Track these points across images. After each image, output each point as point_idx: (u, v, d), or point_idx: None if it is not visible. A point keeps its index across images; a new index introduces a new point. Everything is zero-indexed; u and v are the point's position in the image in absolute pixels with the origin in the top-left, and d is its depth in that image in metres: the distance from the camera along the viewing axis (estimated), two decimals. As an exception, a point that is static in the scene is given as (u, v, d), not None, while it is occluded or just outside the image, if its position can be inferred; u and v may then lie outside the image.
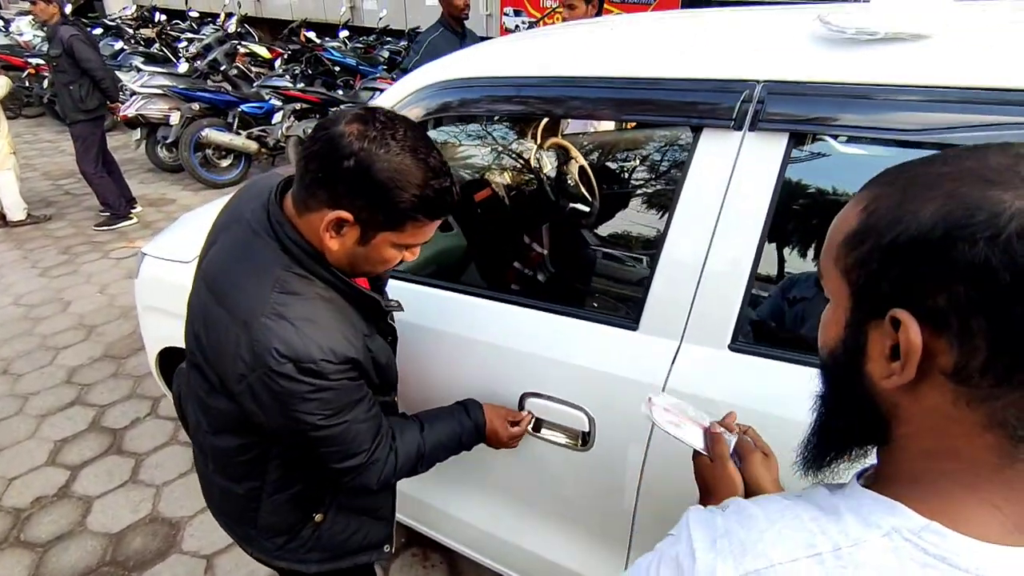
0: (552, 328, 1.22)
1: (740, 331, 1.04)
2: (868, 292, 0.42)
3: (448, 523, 1.58)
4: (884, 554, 0.38)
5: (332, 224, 0.85)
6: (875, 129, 0.91)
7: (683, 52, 1.09)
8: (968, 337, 0.37)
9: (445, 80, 1.33)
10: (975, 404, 0.38)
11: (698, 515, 0.48)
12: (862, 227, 0.42)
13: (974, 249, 0.35)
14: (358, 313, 0.97)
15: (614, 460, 1.19)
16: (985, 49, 0.89)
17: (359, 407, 0.96)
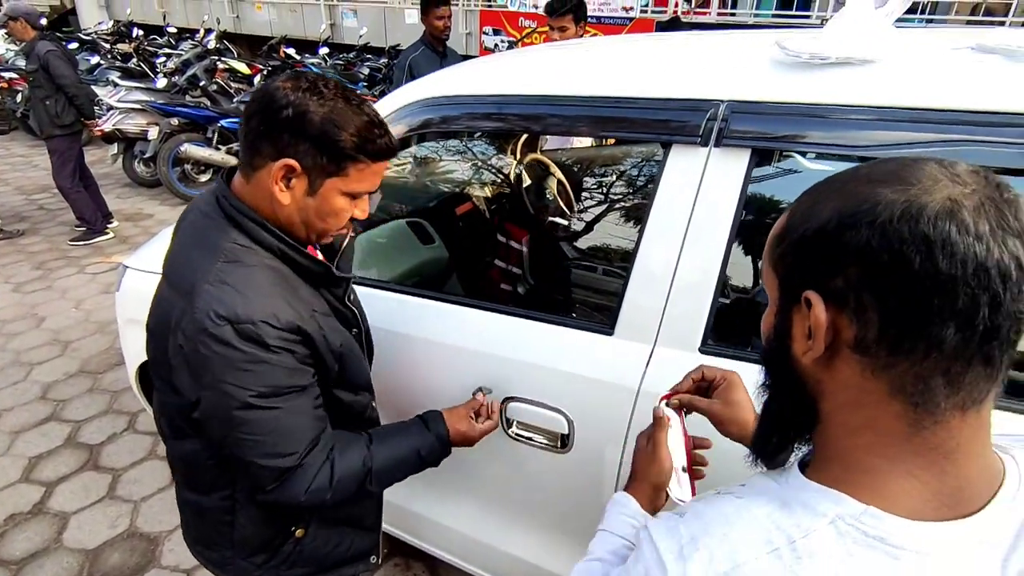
0: (532, 334, 1.27)
1: (709, 334, 1.10)
2: (789, 282, 0.49)
3: (430, 529, 1.60)
4: (832, 540, 0.43)
5: (280, 175, 0.85)
6: (828, 146, 0.99)
7: (654, 73, 1.16)
8: (863, 311, 0.43)
9: (427, 98, 1.38)
10: (878, 372, 0.44)
11: (659, 526, 0.51)
12: (783, 228, 0.50)
13: (859, 235, 0.42)
14: (309, 286, 0.95)
15: (592, 461, 1.23)
16: (925, 72, 0.97)
17: (301, 397, 0.89)
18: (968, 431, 0.44)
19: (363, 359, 1.05)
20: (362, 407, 1.08)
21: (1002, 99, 0.89)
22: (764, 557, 0.43)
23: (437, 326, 1.37)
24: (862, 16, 0.97)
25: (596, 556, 0.72)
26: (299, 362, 0.88)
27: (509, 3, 7.52)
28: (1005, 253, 0.39)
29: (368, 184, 0.91)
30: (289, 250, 0.91)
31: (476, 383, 1.33)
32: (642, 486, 0.80)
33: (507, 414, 1.30)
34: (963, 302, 0.40)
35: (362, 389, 1.07)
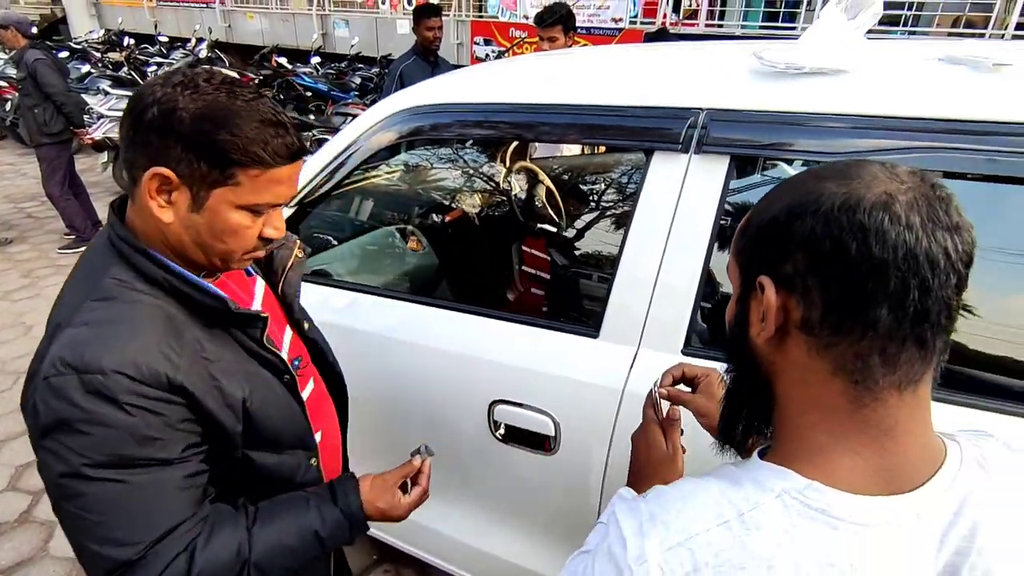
0: (520, 338, 1.29)
1: (691, 336, 1.12)
2: (747, 270, 0.53)
3: (419, 533, 1.61)
4: (777, 513, 0.46)
5: (154, 188, 0.71)
6: (803, 152, 1.02)
7: (637, 82, 1.20)
8: (808, 294, 0.47)
9: (418, 106, 1.41)
10: (822, 352, 0.48)
11: (623, 505, 0.53)
12: (745, 223, 0.55)
13: (804, 224, 0.47)
14: (206, 327, 0.77)
15: (579, 462, 1.25)
16: (895, 82, 1.01)
17: (161, 472, 0.70)
18: (905, 410, 0.47)
19: (293, 410, 0.86)
20: (290, 470, 0.86)
21: (967, 108, 0.93)
22: (715, 529, 0.46)
23: (425, 330, 1.39)
24: (835, 28, 1.00)
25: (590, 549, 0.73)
26: (165, 426, 0.70)
27: (500, 14, 7.60)
28: (934, 243, 0.43)
29: (270, 195, 0.74)
30: (177, 281, 0.74)
31: (462, 387, 1.35)
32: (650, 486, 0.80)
33: (494, 417, 1.32)
34: (894, 286, 0.44)
35: (291, 448, 0.87)
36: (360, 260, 1.98)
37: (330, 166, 1.49)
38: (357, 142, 1.46)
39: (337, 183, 1.49)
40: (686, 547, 0.46)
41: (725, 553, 0.45)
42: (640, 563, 0.46)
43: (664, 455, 0.81)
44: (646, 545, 0.47)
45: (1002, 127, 0.90)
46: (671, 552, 0.46)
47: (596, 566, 0.51)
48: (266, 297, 0.94)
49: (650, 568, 0.46)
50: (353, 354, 1.45)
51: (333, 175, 1.50)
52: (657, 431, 0.83)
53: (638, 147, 1.15)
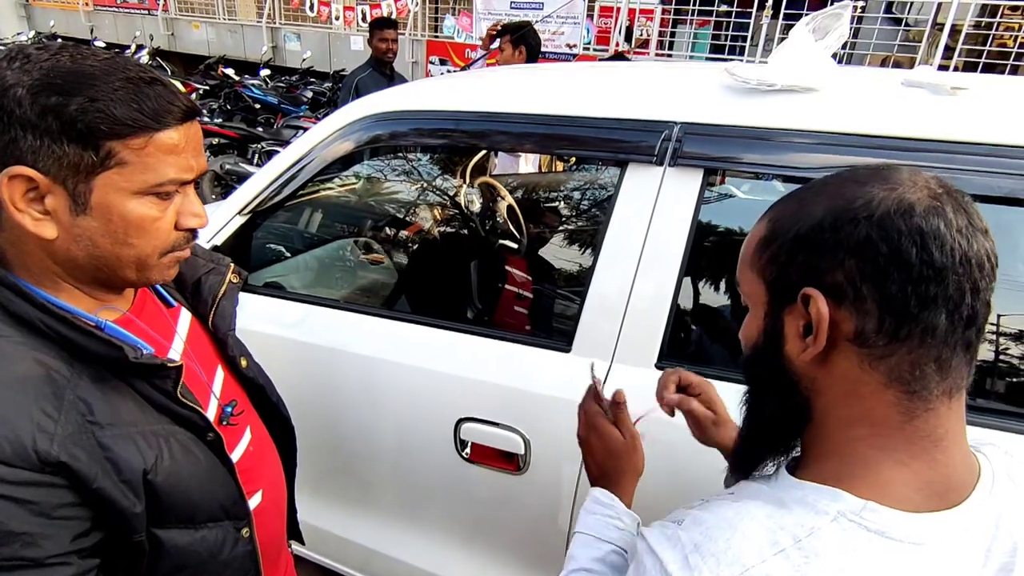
0: (488, 352, 1.25)
1: (665, 350, 1.11)
2: (781, 282, 0.50)
3: (379, 563, 1.52)
4: (836, 538, 0.43)
5: (19, 197, 0.55)
6: (774, 167, 1.04)
7: (612, 94, 1.19)
8: (862, 303, 0.45)
9: (380, 113, 1.36)
10: (875, 363, 0.46)
11: (658, 535, 0.49)
12: (770, 232, 0.51)
13: (857, 228, 0.45)
14: (92, 379, 0.60)
15: (549, 480, 1.21)
16: (861, 101, 1.04)
17: (30, 574, 0.55)
18: (953, 418, 0.46)
19: (218, 475, 0.71)
20: (211, 548, 0.71)
21: (929, 128, 0.97)
22: (771, 559, 0.43)
23: (386, 344, 1.33)
24: (804, 48, 1.03)
25: (582, 566, 0.68)
26: (36, 516, 0.54)
27: (456, 34, 7.66)
28: (980, 246, 0.44)
29: (169, 168, 0.59)
30: (55, 323, 0.58)
31: (427, 404, 1.28)
32: (624, 480, 0.76)
33: (461, 435, 1.26)
34: (952, 290, 0.43)
35: (213, 520, 0.71)
36: (316, 272, 1.90)
37: (286, 174, 1.42)
38: (315, 149, 1.40)
39: (293, 192, 1.42)
40: None
41: None
42: None
43: (622, 443, 0.77)
44: None
45: (961, 147, 0.94)
46: None
47: None
48: (192, 333, 0.79)
49: None
50: (306, 370, 1.38)
51: (289, 183, 1.42)
52: (605, 422, 0.79)
53: (612, 159, 1.14)
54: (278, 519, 0.89)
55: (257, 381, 0.88)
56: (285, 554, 0.95)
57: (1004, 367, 1.07)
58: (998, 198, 0.92)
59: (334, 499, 1.51)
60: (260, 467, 0.83)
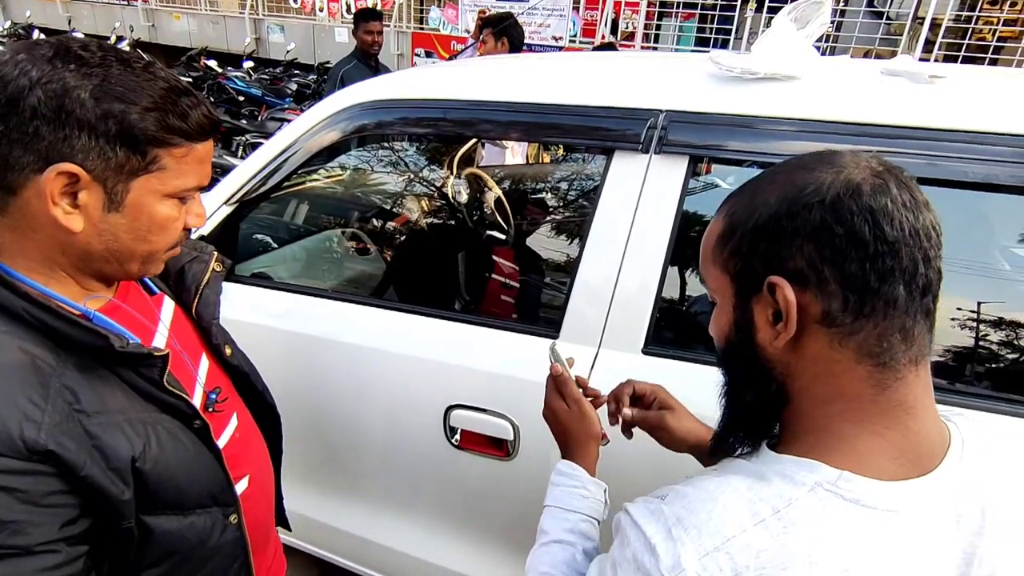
0: (477, 340, 1.26)
1: (652, 336, 1.13)
2: (745, 274, 0.52)
3: (369, 551, 1.53)
4: (813, 507, 0.45)
5: (59, 190, 0.57)
6: (758, 154, 1.05)
7: (598, 83, 1.20)
8: (825, 285, 0.47)
9: (367, 101, 1.36)
10: (845, 340, 0.47)
11: (641, 510, 0.50)
12: (728, 226, 0.53)
13: (811, 214, 0.47)
14: (78, 367, 0.61)
15: (538, 465, 1.22)
16: (842, 90, 1.06)
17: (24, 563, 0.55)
18: (921, 386, 0.48)
19: (205, 462, 0.72)
20: (200, 535, 0.72)
21: (906, 115, 0.99)
22: (752, 529, 0.44)
23: (374, 333, 1.33)
24: (786, 36, 1.04)
25: (554, 537, 0.69)
26: (25, 504, 0.55)
27: (441, 27, 7.61)
28: (925, 219, 0.46)
29: (195, 175, 0.65)
30: (40, 312, 0.59)
31: (416, 392, 1.29)
32: (582, 448, 0.78)
33: (450, 423, 1.27)
34: (907, 261, 0.45)
35: (201, 507, 0.72)
36: (303, 263, 1.89)
37: (273, 163, 1.42)
38: (301, 138, 1.39)
39: (280, 181, 1.41)
40: (724, 551, 0.44)
41: (765, 554, 0.43)
42: (676, 572, 0.44)
43: (565, 412, 0.80)
44: (680, 552, 0.44)
45: (939, 134, 0.96)
46: (708, 558, 0.44)
47: None
48: (176, 321, 0.79)
49: None
50: (293, 360, 1.38)
51: (276, 172, 1.42)
52: (553, 395, 0.82)
53: (599, 146, 1.15)
54: (265, 504, 0.90)
55: (242, 369, 0.88)
56: (274, 539, 0.96)
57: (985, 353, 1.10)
58: (975, 183, 0.94)
59: (324, 488, 1.51)
60: (246, 453, 0.84)
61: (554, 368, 0.83)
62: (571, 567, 0.66)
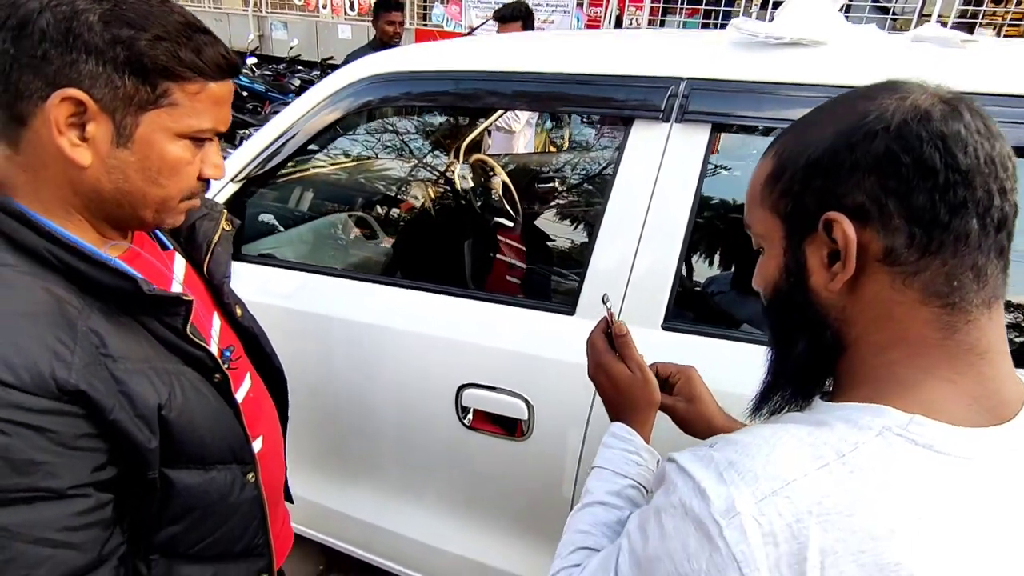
0: (491, 317, 1.23)
1: (671, 311, 1.09)
2: (798, 214, 0.48)
3: (376, 537, 1.49)
4: (882, 452, 0.41)
5: (64, 118, 0.54)
6: (783, 122, 1.02)
7: (617, 52, 1.17)
8: (888, 220, 0.43)
9: (377, 75, 1.33)
10: (909, 280, 0.44)
11: (688, 456, 0.47)
12: (777, 165, 0.50)
13: (874, 143, 0.43)
14: (103, 314, 0.59)
15: (553, 447, 1.19)
16: (870, 55, 1.03)
17: (53, 508, 0.54)
18: (995, 330, 0.44)
19: (225, 417, 0.71)
20: (221, 490, 0.70)
21: (937, 78, 0.95)
22: (814, 473, 0.41)
23: (384, 311, 1.30)
24: (811, 1, 1.01)
25: (598, 499, 0.66)
26: (56, 445, 0.53)
27: (445, 23, 7.59)
28: (1000, 147, 0.43)
29: (210, 117, 0.61)
30: (65, 254, 0.57)
31: (427, 371, 1.26)
32: (641, 415, 0.73)
33: (462, 402, 1.24)
34: (981, 192, 0.41)
35: (222, 462, 0.71)
36: (311, 246, 1.86)
37: (281, 138, 1.39)
38: (311, 113, 1.37)
39: (288, 157, 1.38)
40: (783, 495, 0.40)
41: (829, 499, 0.40)
42: (730, 516, 0.40)
43: (628, 377, 0.74)
44: (735, 495, 0.41)
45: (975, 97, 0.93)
46: (766, 502, 0.40)
47: (667, 525, 0.44)
48: (188, 277, 0.78)
49: (744, 522, 0.40)
50: (300, 339, 1.34)
51: (283, 148, 1.39)
52: (610, 357, 0.75)
53: (618, 115, 1.12)
54: (277, 467, 0.88)
55: (252, 330, 0.86)
56: (282, 508, 0.93)
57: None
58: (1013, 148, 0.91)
59: (329, 472, 1.48)
60: (260, 414, 0.83)
61: (618, 326, 0.75)
62: (612, 530, 0.63)
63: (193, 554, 0.69)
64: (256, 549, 0.77)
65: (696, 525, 0.42)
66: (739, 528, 0.40)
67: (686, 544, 0.42)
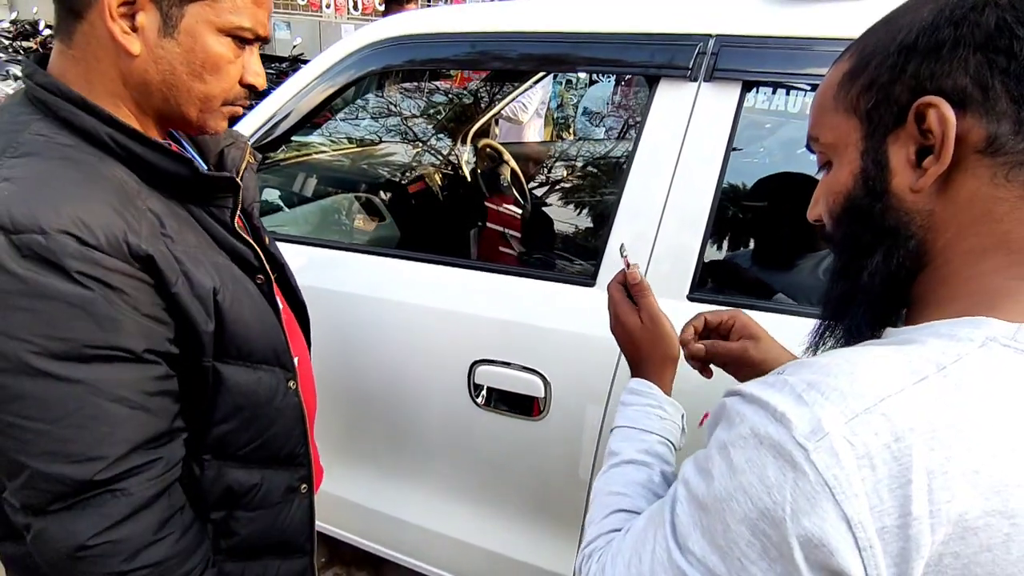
0: (506, 290, 1.17)
1: (698, 281, 1.04)
2: (883, 107, 0.43)
3: (379, 525, 1.43)
4: (989, 363, 0.36)
5: (116, 6, 0.56)
6: (814, 78, 0.97)
7: (642, 9, 1.12)
8: (993, 104, 0.38)
9: (389, 38, 1.27)
10: (1014, 172, 0.39)
11: (757, 384, 0.41)
12: (859, 60, 0.45)
13: (983, 16, 0.38)
14: (165, 199, 0.62)
15: (571, 426, 1.13)
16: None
17: (131, 369, 0.56)
18: None
19: (270, 318, 0.73)
20: (268, 391, 0.72)
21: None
22: (911, 388, 0.35)
23: (394, 284, 1.25)
24: (848, -46, 0.96)
25: (627, 458, 0.60)
26: (130, 308, 0.55)
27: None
28: None
29: (250, 15, 0.62)
30: (124, 138, 0.59)
31: (438, 347, 1.20)
32: (657, 367, 0.67)
33: (475, 380, 1.18)
34: None
35: (266, 363, 0.72)
36: (318, 224, 1.81)
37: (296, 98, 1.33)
38: (321, 78, 1.32)
39: (303, 117, 1.33)
40: (877, 413, 0.34)
41: (935, 415, 0.34)
42: (817, 438, 0.34)
43: (639, 329, 0.68)
44: (821, 415, 0.35)
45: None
46: (858, 421, 0.34)
47: (736, 458, 0.38)
48: None
49: (834, 442, 0.34)
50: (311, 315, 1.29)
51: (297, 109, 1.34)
52: (625, 308, 0.70)
53: (642, 74, 1.07)
54: (310, 390, 0.89)
55: (280, 259, 0.87)
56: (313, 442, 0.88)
57: None
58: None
59: (330, 455, 1.41)
60: (294, 334, 0.84)
61: (631, 274, 0.70)
62: (648, 488, 0.57)
63: (242, 456, 0.71)
64: (298, 458, 0.79)
65: (775, 452, 0.36)
66: (829, 450, 0.34)
67: (763, 476, 0.36)
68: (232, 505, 0.72)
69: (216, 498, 0.70)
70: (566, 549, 1.22)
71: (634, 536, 0.47)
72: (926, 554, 0.33)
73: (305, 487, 0.82)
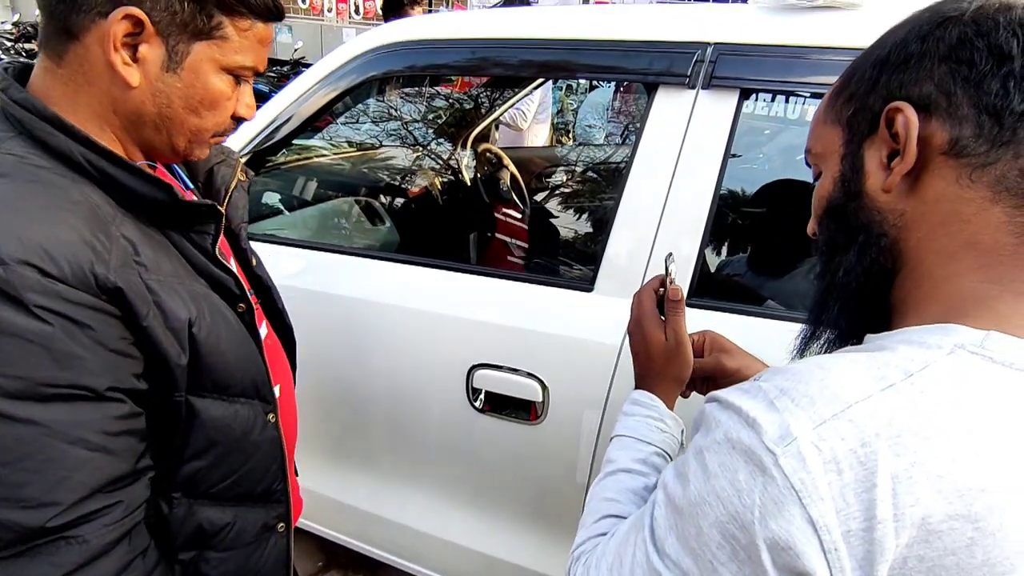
0: (504, 295, 1.18)
1: (696, 287, 1.05)
2: (860, 114, 0.46)
3: (378, 529, 1.43)
4: (956, 371, 0.37)
5: (121, 35, 0.54)
6: (815, 86, 0.98)
7: (641, 18, 1.14)
8: (955, 110, 0.40)
9: (392, 43, 1.28)
10: (977, 174, 0.40)
11: (733, 391, 0.42)
12: (844, 78, 0.48)
13: (947, 31, 0.41)
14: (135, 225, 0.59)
15: (569, 430, 1.14)
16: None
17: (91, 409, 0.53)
18: None
19: (250, 349, 0.69)
20: (244, 425, 0.69)
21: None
22: (879, 395, 0.36)
23: (392, 288, 1.25)
24: (845, -36, 0.97)
25: (622, 466, 0.60)
26: (94, 343, 0.53)
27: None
28: None
29: (253, 55, 0.62)
30: (101, 160, 0.56)
31: (437, 351, 1.21)
32: (665, 384, 0.68)
33: (473, 384, 1.19)
34: None
35: (244, 396, 0.69)
36: (315, 229, 1.82)
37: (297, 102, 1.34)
38: (323, 82, 1.33)
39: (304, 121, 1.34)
40: (844, 419, 0.35)
41: (900, 421, 0.35)
42: (785, 443, 0.35)
43: (662, 346, 0.68)
44: (790, 421, 0.36)
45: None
46: (826, 427, 0.35)
47: (711, 463, 0.38)
48: None
49: (802, 448, 0.35)
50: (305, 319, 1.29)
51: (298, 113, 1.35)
52: (651, 320, 0.69)
53: (641, 81, 1.08)
54: (291, 425, 0.85)
55: (266, 282, 0.85)
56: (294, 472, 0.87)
57: None
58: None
59: (328, 459, 1.42)
60: (277, 362, 0.81)
61: (673, 290, 0.68)
62: (639, 496, 0.57)
63: (215, 494, 0.68)
64: (275, 495, 0.75)
65: (746, 457, 0.37)
66: (796, 455, 0.35)
67: (735, 480, 0.37)
68: (202, 545, 0.68)
69: (186, 538, 0.67)
70: (563, 553, 1.22)
71: (618, 540, 0.48)
72: (890, 557, 0.34)
73: (283, 526, 0.78)
